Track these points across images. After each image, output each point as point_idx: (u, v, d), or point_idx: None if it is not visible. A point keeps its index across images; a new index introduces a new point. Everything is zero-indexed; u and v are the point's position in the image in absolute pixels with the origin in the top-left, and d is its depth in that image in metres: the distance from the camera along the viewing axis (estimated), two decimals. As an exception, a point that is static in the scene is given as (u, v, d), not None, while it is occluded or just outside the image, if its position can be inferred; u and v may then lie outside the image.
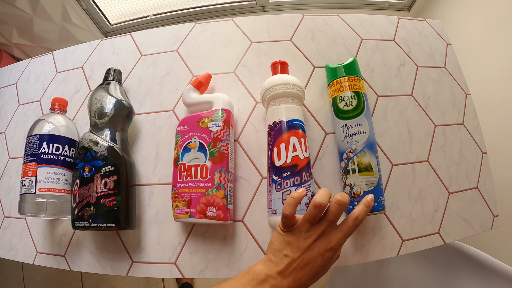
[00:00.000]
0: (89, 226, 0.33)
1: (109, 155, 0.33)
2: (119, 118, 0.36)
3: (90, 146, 0.34)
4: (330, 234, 0.25)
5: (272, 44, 0.40)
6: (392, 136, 0.38)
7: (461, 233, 0.36)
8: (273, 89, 0.32)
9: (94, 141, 0.34)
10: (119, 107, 0.36)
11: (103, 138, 0.34)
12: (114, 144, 0.34)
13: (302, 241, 0.24)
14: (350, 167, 0.32)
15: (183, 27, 0.43)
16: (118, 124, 0.36)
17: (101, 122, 0.35)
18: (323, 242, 0.24)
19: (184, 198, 0.32)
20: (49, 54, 0.50)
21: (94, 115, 0.36)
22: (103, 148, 0.34)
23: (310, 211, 0.25)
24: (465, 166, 0.38)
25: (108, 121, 0.35)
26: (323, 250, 0.24)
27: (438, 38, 0.44)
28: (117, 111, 0.36)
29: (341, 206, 0.25)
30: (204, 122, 0.33)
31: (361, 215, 0.25)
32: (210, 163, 0.31)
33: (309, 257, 0.24)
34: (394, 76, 0.40)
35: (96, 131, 0.35)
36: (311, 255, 0.24)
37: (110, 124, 0.35)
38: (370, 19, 0.43)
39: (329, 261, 0.25)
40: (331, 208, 0.25)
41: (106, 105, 0.36)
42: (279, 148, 0.30)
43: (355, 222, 0.25)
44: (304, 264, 0.24)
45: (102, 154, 0.34)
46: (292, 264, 0.24)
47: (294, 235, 0.25)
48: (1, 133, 0.49)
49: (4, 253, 0.43)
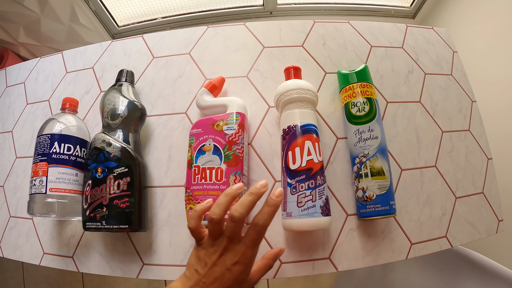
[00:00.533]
0: (101, 228, 0.33)
1: (123, 156, 0.34)
2: (132, 120, 0.36)
3: (103, 147, 0.34)
4: (234, 249, 0.24)
5: (284, 50, 0.41)
6: (401, 142, 0.39)
7: (468, 237, 0.38)
8: (287, 94, 0.33)
9: (107, 142, 0.34)
10: (132, 108, 0.36)
11: (116, 139, 0.35)
12: (127, 145, 0.35)
13: (209, 257, 0.24)
14: (363, 171, 0.33)
15: (195, 31, 0.44)
16: (131, 126, 0.36)
17: (114, 123, 0.36)
18: (228, 257, 0.24)
19: (198, 201, 0.32)
20: (59, 54, 0.50)
21: (107, 116, 0.36)
22: (116, 149, 0.34)
23: (208, 226, 0.24)
24: (471, 171, 0.40)
25: (121, 122, 0.36)
26: (230, 264, 0.23)
27: (445, 46, 0.46)
28: (130, 112, 0.36)
29: (235, 222, 0.23)
30: (219, 125, 0.34)
31: (261, 220, 0.24)
32: (225, 165, 0.32)
33: (217, 272, 0.23)
34: (403, 83, 0.42)
35: (109, 132, 0.36)
36: (218, 270, 0.23)
37: (123, 125, 0.36)
38: (379, 26, 0.45)
39: (240, 274, 0.24)
40: (226, 224, 0.24)
41: (119, 106, 0.36)
42: (294, 152, 0.31)
43: (255, 230, 0.24)
44: (213, 279, 0.23)
45: (116, 155, 0.34)
46: (201, 280, 0.23)
47: (203, 249, 0.25)
48: (8, 132, 0.49)
49: (9, 253, 0.42)
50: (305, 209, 0.29)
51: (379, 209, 0.32)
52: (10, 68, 0.54)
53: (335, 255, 0.34)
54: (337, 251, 0.34)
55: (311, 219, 0.29)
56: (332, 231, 0.35)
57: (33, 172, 0.36)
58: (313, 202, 0.30)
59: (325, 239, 0.34)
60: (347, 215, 0.35)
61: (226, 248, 0.24)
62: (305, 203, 0.30)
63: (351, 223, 0.35)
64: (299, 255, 0.34)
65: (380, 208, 0.32)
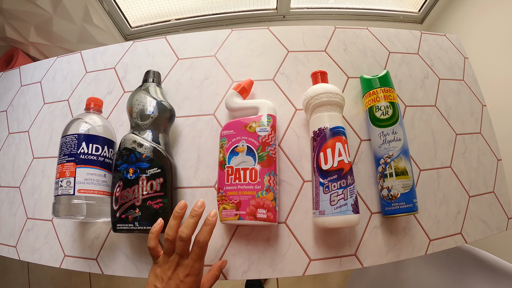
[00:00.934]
0: (133, 229, 0.33)
1: (155, 157, 0.34)
2: (162, 120, 0.37)
3: (134, 147, 0.35)
4: (184, 264, 0.29)
5: (308, 54, 0.43)
6: (419, 144, 0.42)
7: (480, 234, 0.40)
8: (317, 97, 0.35)
9: (138, 142, 0.35)
10: (162, 109, 0.37)
11: (147, 140, 0.35)
12: (159, 145, 0.36)
13: (164, 273, 0.29)
14: (388, 171, 0.35)
15: (220, 33, 0.45)
16: (161, 126, 0.37)
17: (144, 123, 0.36)
18: (180, 271, 0.28)
19: (232, 201, 0.33)
20: (77, 54, 0.50)
21: (136, 116, 0.37)
22: (148, 150, 0.34)
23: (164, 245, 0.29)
24: (482, 171, 0.43)
25: (152, 123, 0.36)
26: (182, 277, 0.28)
27: (457, 52, 0.49)
28: (160, 113, 0.36)
29: (183, 241, 0.28)
30: (251, 127, 0.35)
31: (201, 237, 0.29)
32: (259, 166, 0.33)
33: (172, 285, 0.28)
34: (419, 88, 0.44)
35: (139, 133, 0.36)
36: (173, 283, 0.28)
37: (153, 126, 0.36)
38: (396, 33, 0.47)
39: (193, 284, 0.29)
40: (176, 243, 0.29)
41: (148, 107, 0.36)
42: (325, 153, 0.33)
43: (198, 246, 0.29)
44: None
45: (148, 156, 0.34)
46: None
47: (159, 267, 0.29)
48: (24, 132, 0.49)
49: (26, 256, 0.42)
50: (338, 207, 0.31)
51: (403, 206, 0.34)
52: (24, 67, 0.53)
53: (361, 252, 0.36)
54: (362, 247, 0.36)
55: (343, 217, 0.31)
56: (358, 229, 0.37)
57: (58, 173, 0.36)
58: (345, 200, 0.31)
59: (351, 237, 0.36)
60: (371, 213, 0.37)
61: (178, 264, 0.29)
62: (338, 201, 0.31)
63: (375, 221, 0.37)
64: (327, 252, 0.36)
65: (404, 206, 0.34)
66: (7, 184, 0.47)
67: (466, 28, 0.94)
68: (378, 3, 1.07)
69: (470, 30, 0.92)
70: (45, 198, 0.44)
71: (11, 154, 0.49)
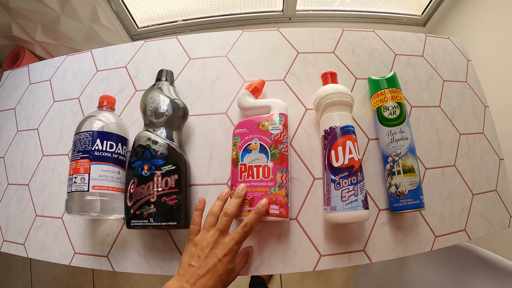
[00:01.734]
0: (148, 225, 0.34)
1: (170, 154, 0.35)
2: (176, 118, 0.38)
3: (149, 144, 0.36)
4: (223, 242, 0.30)
5: (317, 55, 0.45)
6: (424, 143, 0.44)
7: (483, 231, 0.42)
8: (328, 97, 0.37)
9: (153, 140, 0.36)
10: (176, 107, 0.38)
11: (162, 137, 0.36)
12: (173, 143, 0.37)
13: (202, 251, 0.30)
14: (396, 169, 0.37)
15: (231, 34, 0.47)
16: (175, 124, 0.38)
17: (158, 121, 0.37)
18: (218, 249, 0.30)
19: (246, 197, 0.35)
20: (87, 52, 0.52)
21: (150, 114, 0.38)
22: (163, 147, 0.35)
23: (206, 219, 0.32)
24: (485, 170, 0.45)
25: (166, 120, 0.37)
26: (221, 255, 0.29)
27: (460, 55, 0.51)
28: (174, 111, 0.38)
29: (227, 216, 0.31)
30: (264, 125, 0.37)
31: (249, 222, 0.31)
32: (272, 163, 0.35)
33: (210, 263, 0.29)
34: (424, 89, 0.47)
35: (153, 130, 0.37)
36: (211, 261, 0.29)
37: (167, 123, 0.37)
38: (401, 35, 0.49)
39: (229, 264, 0.30)
40: (220, 218, 0.31)
41: (162, 105, 0.38)
42: (336, 150, 0.35)
43: (243, 230, 0.30)
44: (207, 270, 0.29)
45: (163, 152, 0.35)
46: (196, 272, 0.29)
47: (195, 246, 0.31)
48: (34, 130, 0.50)
49: (35, 253, 0.43)
50: (349, 203, 0.33)
51: (411, 203, 0.36)
52: (33, 65, 0.54)
53: (369, 248, 0.38)
54: (370, 243, 0.38)
55: (354, 212, 0.33)
56: (366, 225, 0.38)
57: (72, 169, 0.36)
58: (356, 196, 0.33)
59: (360, 233, 0.38)
60: (379, 210, 0.39)
61: (217, 241, 0.30)
62: (349, 197, 0.33)
63: (383, 217, 0.39)
64: (336, 248, 0.37)
65: (411, 202, 0.36)
66: (15, 181, 0.48)
67: (468, 31, 0.98)
68: (382, 6, 1.11)
69: (472, 33, 0.96)
70: (55, 195, 0.45)
71: (19, 151, 0.50)
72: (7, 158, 0.50)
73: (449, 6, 1.06)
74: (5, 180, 0.49)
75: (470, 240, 0.41)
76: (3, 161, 0.50)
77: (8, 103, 0.54)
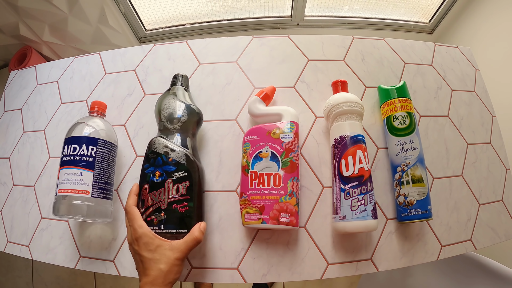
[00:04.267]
0: (158, 232, 0.34)
1: (182, 161, 0.35)
2: (191, 124, 0.38)
3: (163, 151, 0.36)
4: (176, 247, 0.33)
5: (327, 63, 0.47)
6: (432, 153, 0.45)
7: (489, 241, 0.44)
8: (339, 106, 0.38)
9: (166, 145, 0.36)
10: (191, 113, 0.38)
11: (175, 143, 0.37)
12: (186, 149, 0.37)
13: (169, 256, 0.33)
14: (404, 178, 0.38)
15: (241, 40, 0.48)
16: (189, 130, 0.38)
17: (172, 127, 0.38)
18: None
19: (256, 205, 0.36)
20: (96, 54, 0.52)
21: (165, 120, 0.38)
22: (175, 154, 0.36)
23: None
24: (492, 180, 0.46)
25: (180, 126, 0.37)
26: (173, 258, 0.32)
27: (468, 64, 0.53)
28: (189, 117, 0.38)
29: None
30: (275, 133, 0.38)
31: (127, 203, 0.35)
32: (282, 172, 0.36)
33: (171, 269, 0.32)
34: (433, 98, 0.48)
35: (167, 136, 0.37)
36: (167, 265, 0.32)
37: (182, 129, 0.37)
38: (411, 44, 0.51)
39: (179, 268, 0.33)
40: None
41: (177, 111, 0.38)
42: (346, 160, 0.36)
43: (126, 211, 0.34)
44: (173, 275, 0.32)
45: (174, 159, 0.35)
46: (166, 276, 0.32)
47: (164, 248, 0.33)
48: (40, 131, 0.51)
49: (39, 255, 0.43)
50: (358, 212, 0.34)
51: (419, 213, 0.37)
52: (40, 66, 0.55)
53: (376, 256, 0.39)
54: (378, 252, 0.39)
55: (363, 222, 0.34)
56: (374, 234, 0.40)
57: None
58: (365, 206, 0.34)
59: (367, 241, 0.39)
60: (386, 219, 0.41)
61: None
62: (358, 207, 0.34)
63: (390, 226, 0.40)
64: (344, 256, 0.38)
65: (419, 212, 0.37)
66: (21, 182, 0.49)
67: (475, 39, 1.00)
68: (390, 13, 1.13)
69: (480, 41, 0.97)
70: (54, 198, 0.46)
71: (25, 152, 0.50)
72: (12, 158, 0.51)
73: (457, 14, 1.09)
74: (10, 181, 0.50)
75: (476, 250, 0.43)
76: (8, 162, 0.51)
77: (14, 103, 0.55)
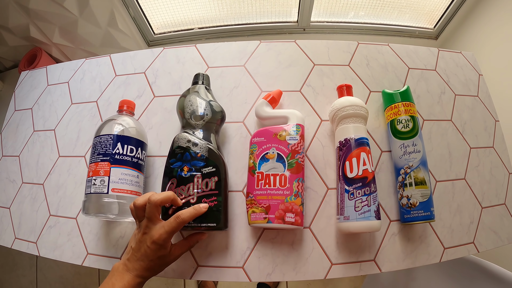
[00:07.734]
0: (187, 226, 0.35)
1: (210, 156, 0.37)
2: (215, 121, 0.40)
3: (189, 146, 0.37)
4: (152, 229, 0.33)
5: (333, 68, 0.49)
6: (435, 156, 0.47)
7: (492, 244, 0.45)
8: (344, 109, 0.41)
9: (192, 141, 0.38)
10: (215, 110, 0.40)
11: (201, 139, 0.38)
12: (213, 145, 0.39)
13: (137, 235, 0.34)
14: (408, 181, 0.41)
15: (249, 44, 0.51)
16: (213, 127, 0.40)
17: (197, 124, 0.39)
18: (148, 235, 0.33)
19: (262, 205, 0.38)
20: (106, 57, 0.55)
21: (189, 117, 0.39)
22: (203, 149, 0.37)
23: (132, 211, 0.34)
24: (495, 184, 0.48)
25: (205, 123, 0.39)
26: (149, 242, 0.32)
27: (472, 69, 0.55)
28: (213, 114, 0.40)
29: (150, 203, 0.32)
30: (281, 135, 0.40)
31: (183, 214, 0.33)
32: (288, 173, 0.39)
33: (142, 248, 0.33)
34: (436, 103, 0.50)
35: (192, 132, 0.39)
36: (142, 246, 0.33)
37: (206, 126, 0.39)
38: (415, 49, 0.53)
39: (158, 251, 0.33)
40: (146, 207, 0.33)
41: (200, 108, 0.40)
42: (351, 162, 0.38)
43: (175, 220, 0.33)
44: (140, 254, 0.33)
45: (203, 154, 0.37)
46: (134, 254, 0.33)
47: (137, 229, 0.35)
48: (50, 130, 0.53)
49: (47, 252, 0.45)
50: (362, 213, 0.36)
51: (422, 214, 0.39)
52: (51, 67, 0.58)
53: (379, 257, 0.41)
54: (381, 253, 0.41)
55: (367, 222, 0.36)
56: (377, 235, 0.42)
57: (92, 171, 0.39)
58: (369, 207, 0.37)
59: (371, 243, 0.41)
60: (390, 221, 0.43)
61: (147, 227, 0.33)
62: (362, 207, 0.37)
63: (393, 228, 0.42)
64: (347, 257, 0.40)
65: (422, 214, 0.39)
66: (30, 180, 0.51)
67: (480, 45, 1.03)
68: (396, 19, 1.16)
69: (484, 46, 1.00)
70: (70, 196, 0.48)
71: (35, 151, 0.53)
72: (22, 157, 0.54)
73: (461, 20, 1.11)
74: (19, 179, 0.52)
75: (478, 253, 0.45)
76: (18, 160, 0.54)
77: (25, 103, 0.58)
